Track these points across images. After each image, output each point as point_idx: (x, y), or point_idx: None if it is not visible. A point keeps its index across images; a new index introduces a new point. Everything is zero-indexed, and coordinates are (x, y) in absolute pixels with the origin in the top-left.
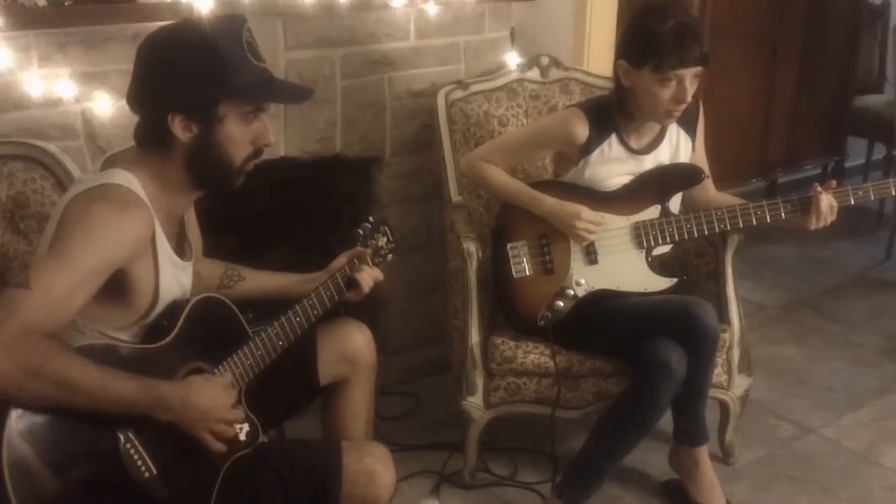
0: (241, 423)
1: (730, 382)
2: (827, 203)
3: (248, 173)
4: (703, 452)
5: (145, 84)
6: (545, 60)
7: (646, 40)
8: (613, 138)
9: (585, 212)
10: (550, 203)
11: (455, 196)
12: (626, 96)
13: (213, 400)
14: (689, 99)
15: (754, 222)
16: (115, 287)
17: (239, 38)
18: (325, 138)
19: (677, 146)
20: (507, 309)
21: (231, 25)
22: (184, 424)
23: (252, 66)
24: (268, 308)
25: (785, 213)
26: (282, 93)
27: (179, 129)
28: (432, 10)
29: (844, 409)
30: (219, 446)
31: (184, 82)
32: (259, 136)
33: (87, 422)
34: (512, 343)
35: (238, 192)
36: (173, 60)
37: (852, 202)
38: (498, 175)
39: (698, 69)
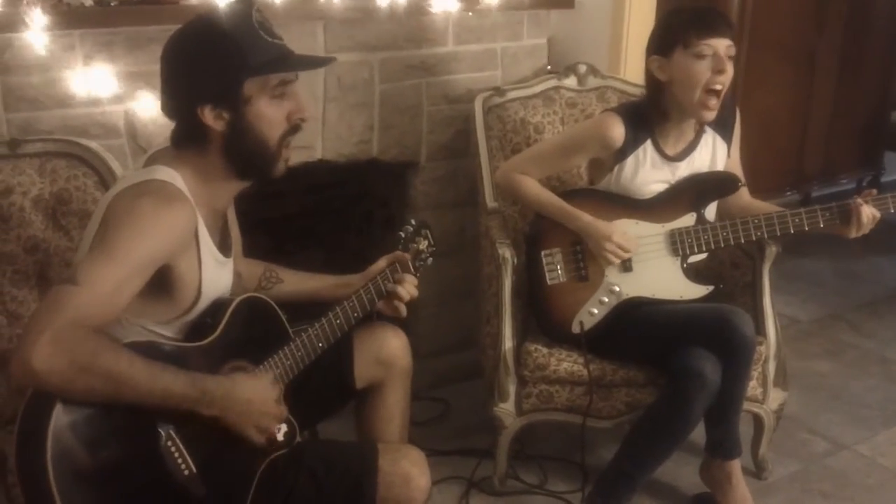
0: (281, 422)
1: (765, 396)
2: (869, 214)
3: (288, 161)
4: (736, 466)
5: (170, 85)
6: (582, 68)
7: (671, 26)
8: (648, 144)
9: (616, 234)
10: (584, 220)
11: (490, 202)
12: (662, 93)
13: (257, 393)
14: (729, 70)
15: (791, 230)
16: (160, 282)
17: (248, 19)
18: (361, 142)
19: (714, 152)
20: (541, 316)
21: (239, 9)
22: (228, 419)
23: (266, 43)
24: (299, 309)
25: (823, 222)
26: (300, 62)
27: (211, 119)
28: (470, 16)
29: (879, 426)
30: (262, 440)
31: (203, 72)
32: (293, 110)
33: (130, 418)
34: (545, 350)
35: (274, 195)
36: (189, 54)
37: (892, 210)
38: (533, 188)
39: (729, 45)
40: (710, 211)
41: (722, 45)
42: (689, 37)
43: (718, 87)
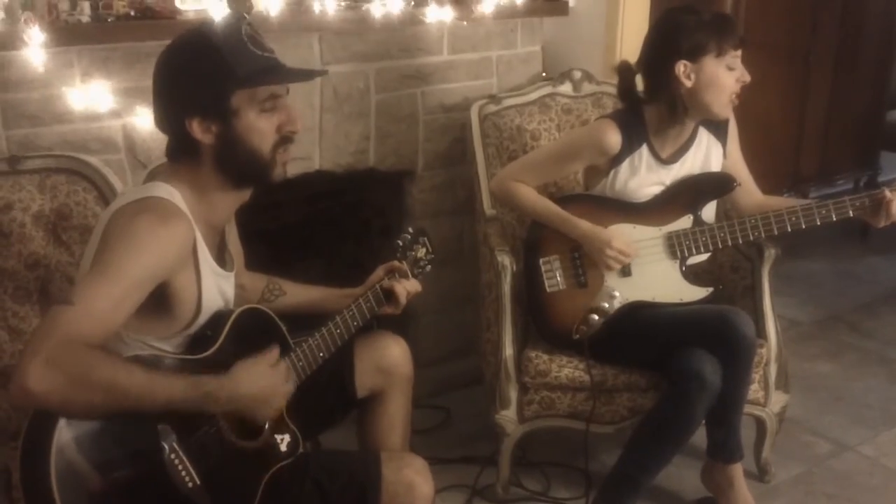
0: (283, 433)
1: (766, 399)
2: None
3: (286, 166)
4: (738, 470)
5: (160, 99)
6: (577, 75)
7: (698, 32)
8: (644, 148)
9: (616, 240)
10: (583, 227)
11: (488, 209)
12: (679, 96)
13: (262, 380)
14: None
15: (789, 229)
16: (158, 299)
17: (237, 32)
18: (358, 151)
19: (707, 153)
20: (541, 323)
21: (228, 22)
22: (237, 412)
23: (254, 56)
24: (299, 320)
25: (819, 219)
26: (287, 74)
27: (199, 131)
28: (465, 25)
29: (881, 426)
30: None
31: (190, 84)
32: (283, 123)
33: (133, 432)
34: (546, 356)
35: (272, 205)
36: (176, 68)
37: None
38: (529, 196)
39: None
40: (709, 212)
41: (739, 55)
42: (724, 47)
43: (737, 98)
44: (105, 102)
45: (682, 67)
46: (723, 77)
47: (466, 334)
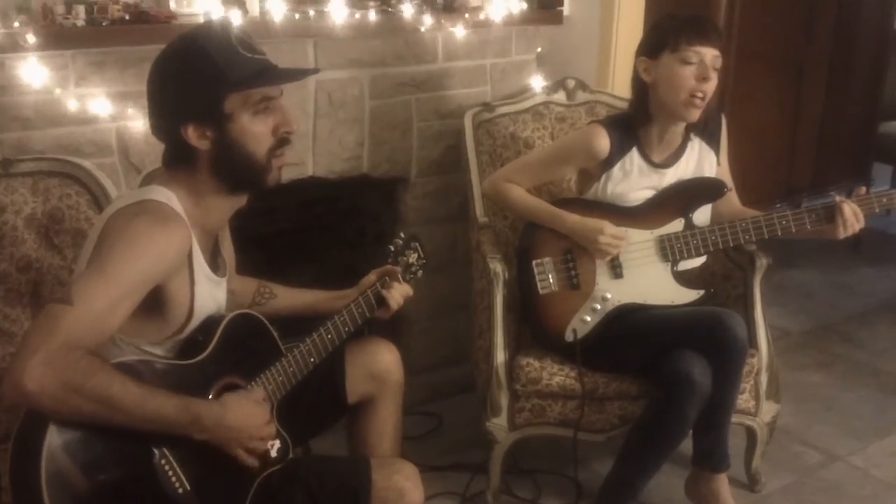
0: (274, 439)
1: (757, 408)
2: (850, 211)
3: (281, 170)
4: (724, 481)
5: (154, 106)
6: (571, 83)
7: (662, 30)
8: (634, 152)
9: (608, 227)
10: (572, 220)
11: (481, 217)
12: (647, 95)
13: (248, 418)
14: (713, 78)
15: (779, 233)
16: (152, 302)
17: (227, 37)
18: (352, 158)
19: (700, 160)
20: (534, 325)
21: (217, 27)
22: (219, 442)
23: (245, 59)
24: (292, 325)
25: (810, 223)
26: (279, 75)
27: (195, 138)
28: (460, 32)
29: (872, 437)
30: (252, 462)
31: (183, 91)
32: (279, 124)
33: (124, 437)
34: (537, 364)
35: (266, 211)
36: (168, 75)
37: (876, 210)
38: (520, 194)
39: (716, 55)
40: (704, 216)
41: (709, 53)
42: (679, 41)
43: (700, 94)
44: (99, 106)
45: (642, 64)
46: (677, 72)
47: (459, 341)
